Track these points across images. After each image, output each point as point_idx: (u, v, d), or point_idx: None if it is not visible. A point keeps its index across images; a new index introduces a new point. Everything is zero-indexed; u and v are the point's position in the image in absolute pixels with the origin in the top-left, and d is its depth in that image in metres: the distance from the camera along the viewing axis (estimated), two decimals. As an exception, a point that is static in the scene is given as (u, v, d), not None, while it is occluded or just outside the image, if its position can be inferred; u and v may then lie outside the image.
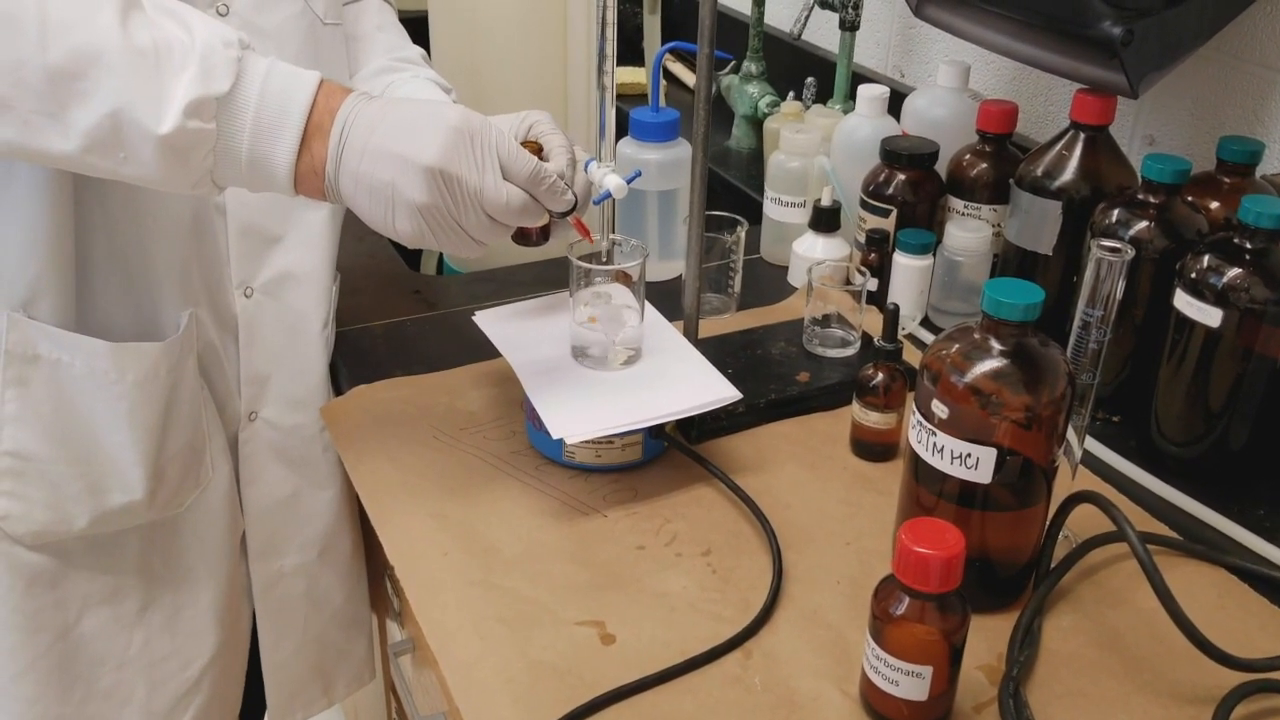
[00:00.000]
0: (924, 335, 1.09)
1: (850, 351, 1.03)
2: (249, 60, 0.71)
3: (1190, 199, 0.93)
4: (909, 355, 0.96)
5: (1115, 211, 0.92)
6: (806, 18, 1.51)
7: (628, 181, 0.86)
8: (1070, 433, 0.74)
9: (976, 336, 0.71)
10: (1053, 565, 0.79)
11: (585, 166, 0.87)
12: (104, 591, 0.93)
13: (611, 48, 0.87)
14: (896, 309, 0.92)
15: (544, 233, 0.86)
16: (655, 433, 0.90)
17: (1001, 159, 1.08)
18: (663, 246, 1.16)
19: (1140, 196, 0.92)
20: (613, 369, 0.91)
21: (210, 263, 0.92)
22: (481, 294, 1.17)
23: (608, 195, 0.86)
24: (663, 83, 1.30)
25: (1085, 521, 0.79)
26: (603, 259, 0.92)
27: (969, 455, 0.70)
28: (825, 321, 1.04)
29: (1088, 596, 0.79)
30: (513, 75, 1.34)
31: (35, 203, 0.80)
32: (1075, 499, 0.76)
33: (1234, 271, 0.83)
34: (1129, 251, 0.71)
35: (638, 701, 0.70)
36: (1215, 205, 0.94)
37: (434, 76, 1.05)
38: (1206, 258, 0.85)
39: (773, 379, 0.99)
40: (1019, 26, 1.00)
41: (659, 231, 1.16)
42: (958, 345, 0.72)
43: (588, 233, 0.88)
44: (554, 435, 0.83)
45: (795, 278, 1.18)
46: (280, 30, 0.90)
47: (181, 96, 0.68)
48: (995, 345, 0.70)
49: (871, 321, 1.03)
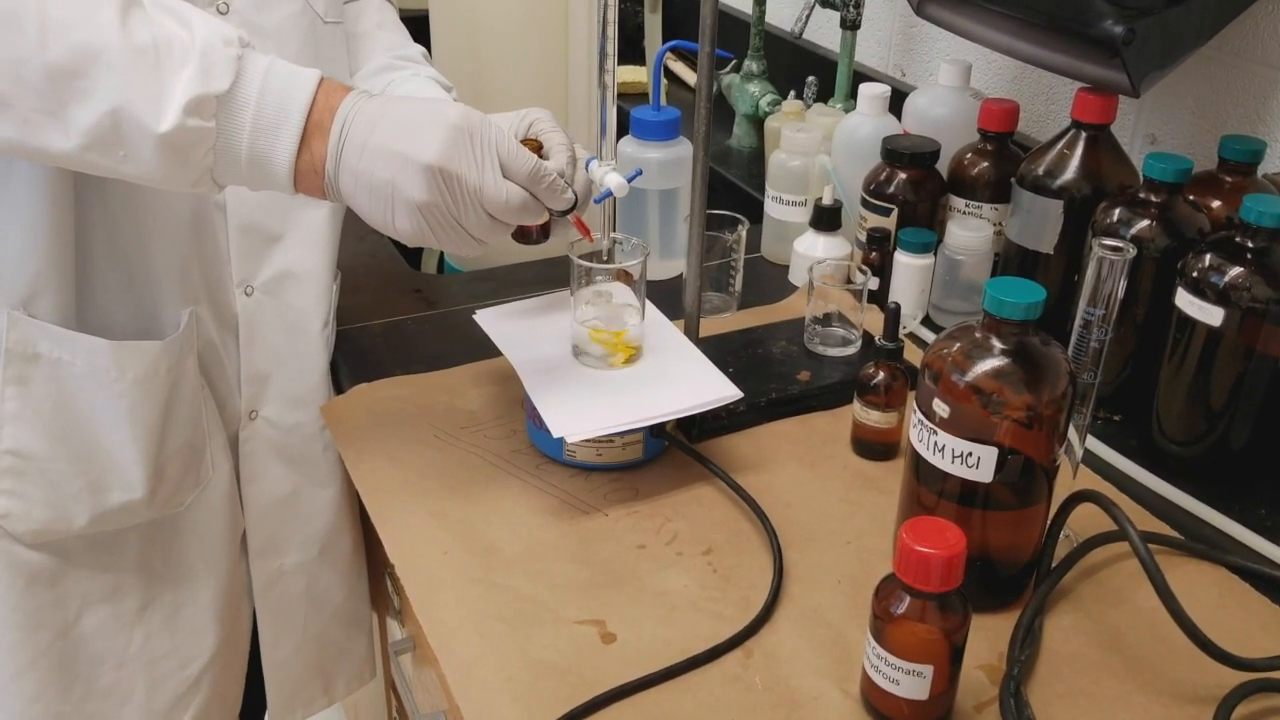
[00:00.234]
0: (925, 334, 1.09)
1: (851, 350, 1.03)
2: (249, 58, 0.71)
3: (1192, 198, 0.93)
4: (910, 354, 0.96)
5: (1117, 210, 0.92)
6: (808, 16, 1.51)
7: (629, 180, 0.86)
8: (1071, 432, 0.74)
9: (978, 335, 0.71)
10: (1054, 564, 0.79)
11: (586, 165, 0.87)
12: (104, 590, 0.93)
13: (612, 46, 0.87)
14: (898, 308, 0.92)
15: (544, 231, 0.86)
16: (656, 431, 0.90)
17: (1003, 158, 1.08)
18: (664, 245, 1.16)
19: (1142, 195, 0.92)
20: (613, 368, 0.91)
21: (210, 261, 0.92)
22: (482, 293, 1.16)
23: (609, 194, 0.86)
24: (664, 81, 1.30)
25: (1086, 521, 0.79)
26: (604, 258, 0.92)
27: (970, 454, 0.70)
28: (826, 320, 1.04)
29: (1089, 596, 0.79)
30: (513, 74, 1.34)
31: (35, 201, 0.80)
32: (1076, 498, 0.76)
33: (1235, 271, 0.83)
34: (1130, 250, 0.71)
35: (638, 700, 0.70)
36: (1217, 204, 0.94)
37: (434, 75, 1.05)
38: (1208, 257, 0.84)
39: (774, 378, 0.99)
40: (1020, 25, 1.00)
41: (660, 230, 1.16)
42: (959, 344, 0.72)
43: (588, 231, 0.88)
44: (555, 434, 0.83)
45: (796, 276, 1.18)
46: (280, 29, 0.90)
47: (181, 94, 0.68)
48: (996, 344, 0.70)
49: (872, 320, 1.03)
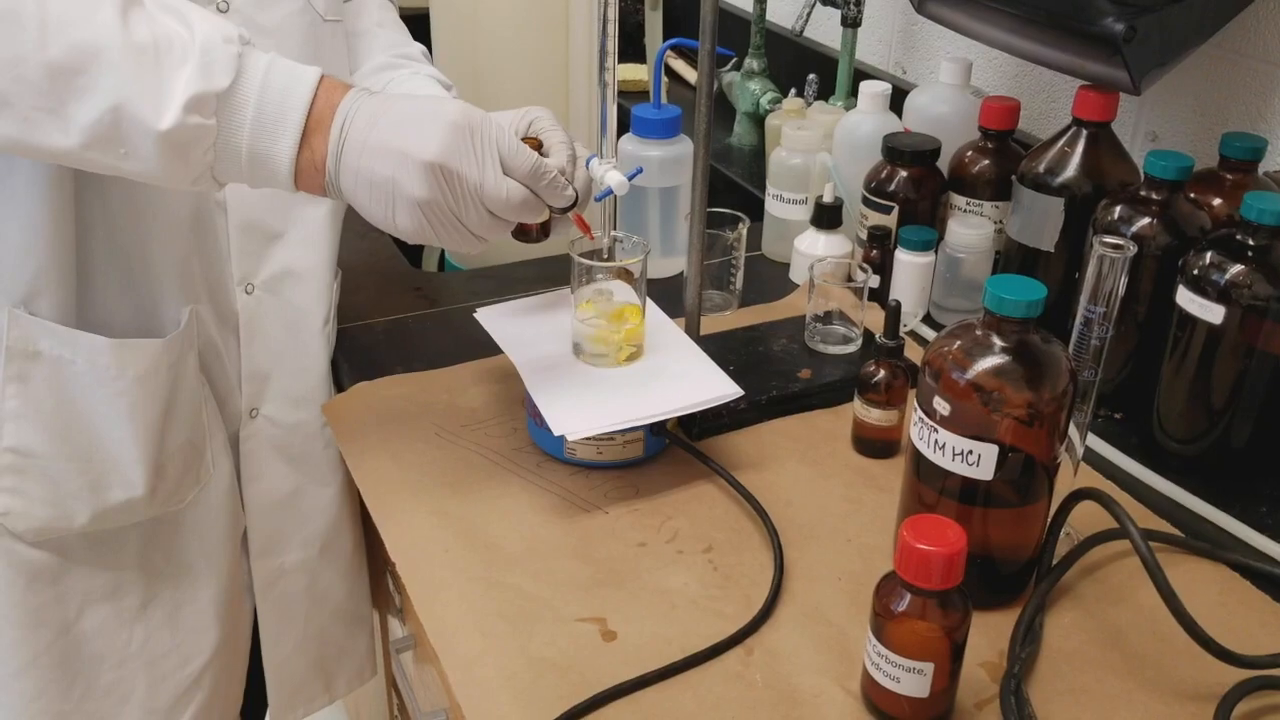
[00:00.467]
0: (926, 332, 1.09)
1: (852, 348, 1.03)
2: (249, 56, 0.71)
3: (1193, 196, 0.93)
4: (911, 352, 0.96)
5: (1117, 208, 0.92)
6: (808, 14, 1.51)
7: (629, 178, 0.86)
8: (1072, 430, 0.74)
9: (978, 333, 0.71)
10: (1054, 562, 0.79)
11: (587, 163, 0.87)
12: (105, 588, 0.93)
13: (613, 44, 0.86)
14: (898, 306, 0.92)
15: (545, 229, 0.86)
16: (657, 429, 0.90)
17: (1003, 156, 1.08)
18: (664, 243, 1.16)
19: (1142, 193, 0.92)
20: (614, 366, 0.91)
21: (211, 259, 0.92)
22: (483, 291, 1.16)
23: (609, 192, 0.86)
24: (664, 79, 1.30)
25: (1087, 518, 0.79)
26: (604, 256, 0.92)
27: (971, 452, 0.70)
28: (827, 318, 1.04)
29: (1089, 593, 0.78)
30: (514, 72, 1.34)
31: (35, 199, 0.80)
32: (1077, 496, 0.76)
33: (1236, 268, 0.83)
34: (1131, 248, 0.71)
35: (639, 698, 0.70)
36: (1218, 202, 0.93)
37: (435, 73, 1.05)
38: (1209, 254, 0.84)
39: (774, 376, 0.99)
40: (1021, 23, 1.00)
41: (660, 228, 1.16)
42: (959, 342, 0.72)
43: (588, 229, 0.88)
44: (555, 432, 0.83)
45: (797, 274, 1.18)
46: (281, 27, 0.90)
47: (182, 92, 0.68)
48: (997, 342, 0.70)
49: (873, 318, 1.03)
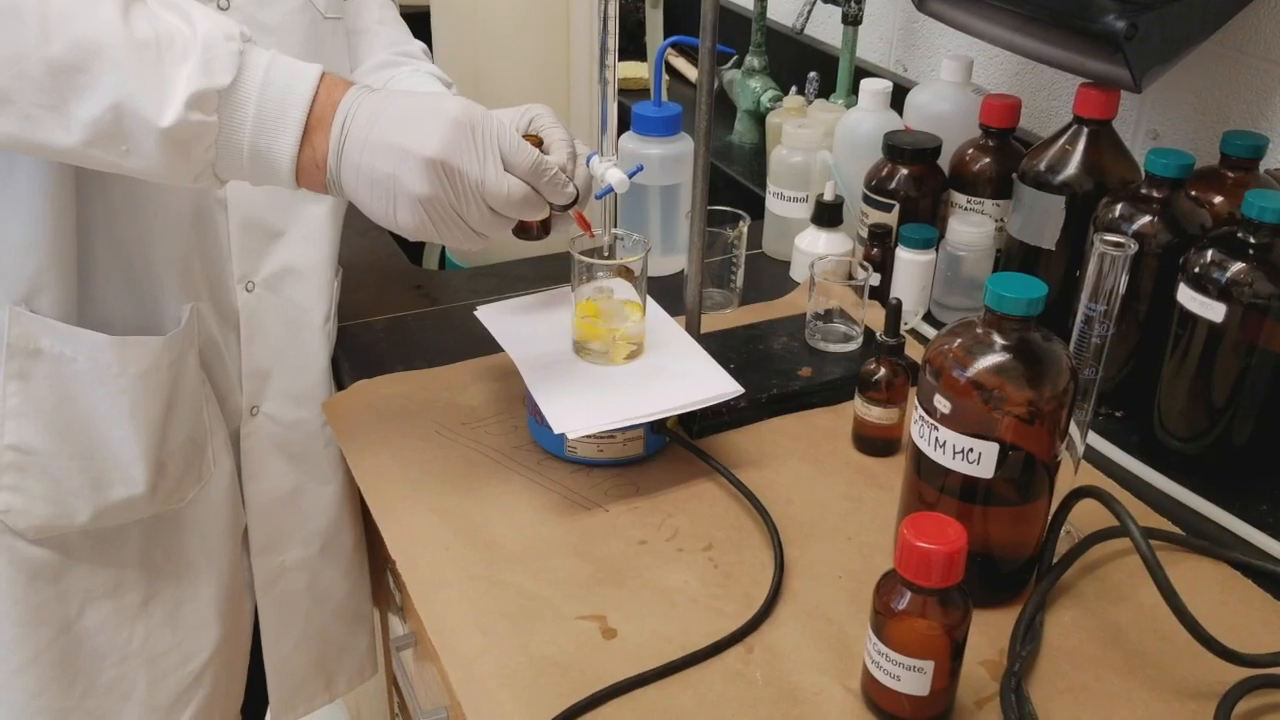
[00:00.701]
0: (926, 330, 1.09)
1: (852, 346, 1.03)
2: (251, 53, 0.71)
3: (1194, 194, 0.93)
4: (911, 350, 0.96)
5: (1118, 206, 0.92)
6: (809, 12, 1.51)
7: (630, 176, 0.86)
8: (1073, 428, 0.74)
9: (979, 331, 0.71)
10: (1055, 560, 0.78)
11: (587, 161, 0.87)
12: (106, 586, 0.93)
13: (613, 42, 0.86)
14: (899, 304, 0.92)
15: (545, 227, 0.86)
16: (657, 427, 0.90)
17: (1004, 154, 1.08)
18: (665, 241, 1.16)
19: (1143, 191, 0.92)
20: (614, 364, 0.91)
21: (212, 257, 0.92)
22: (483, 289, 1.16)
23: (610, 190, 0.86)
24: (665, 77, 1.30)
25: (1087, 517, 0.79)
26: (605, 254, 0.92)
27: (971, 450, 0.70)
28: (827, 316, 1.03)
29: (1090, 592, 0.78)
30: (514, 70, 1.34)
31: (37, 196, 0.80)
32: (1078, 494, 0.76)
33: (1237, 266, 0.83)
34: (1132, 246, 0.71)
35: (639, 696, 0.70)
36: (1219, 200, 0.93)
37: (435, 71, 1.05)
38: (1210, 253, 0.84)
39: (775, 374, 0.99)
40: (1022, 20, 1.00)
41: (661, 226, 1.16)
42: (960, 340, 0.72)
43: (589, 227, 0.88)
44: (556, 430, 0.83)
45: (797, 273, 1.18)
46: (281, 24, 0.90)
47: (183, 89, 0.68)
48: (998, 340, 0.70)
49: (874, 316, 1.03)
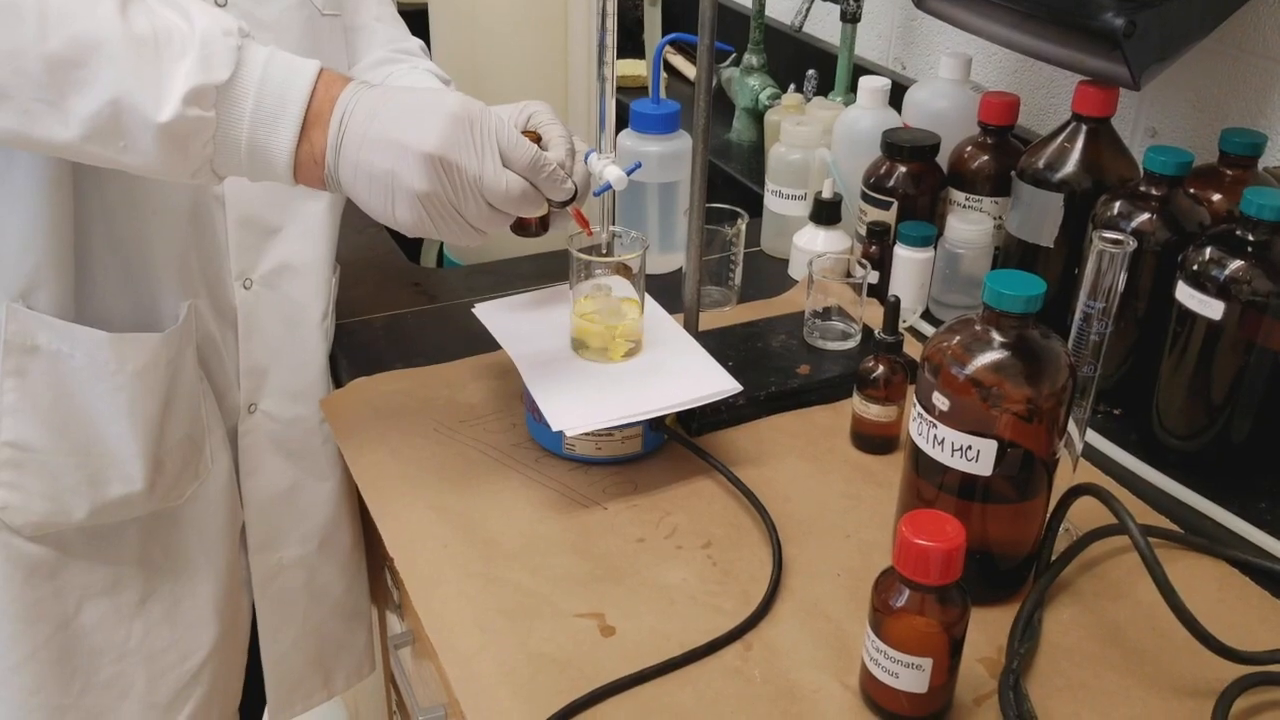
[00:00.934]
0: (925, 328, 1.09)
1: (851, 344, 1.03)
2: (249, 49, 0.71)
3: (1192, 191, 0.93)
4: (910, 348, 0.96)
5: (1117, 204, 0.92)
6: (808, 9, 1.51)
7: (628, 173, 0.86)
8: (1071, 425, 0.74)
9: (977, 329, 0.71)
10: (1053, 558, 0.78)
11: (585, 158, 0.87)
12: (103, 583, 0.93)
13: (612, 40, 0.86)
14: (897, 301, 0.92)
15: (543, 224, 0.86)
16: (655, 425, 0.90)
17: (1003, 151, 1.08)
18: (663, 239, 1.16)
19: (1142, 189, 0.92)
20: (612, 361, 0.91)
21: (209, 254, 0.92)
22: (481, 286, 1.16)
23: (608, 187, 0.86)
24: (663, 75, 1.30)
25: (1086, 514, 0.79)
26: (603, 251, 0.92)
27: (970, 447, 0.70)
28: (826, 314, 1.03)
29: (1088, 589, 0.78)
30: (513, 68, 1.34)
31: (34, 193, 0.80)
32: (1076, 491, 0.76)
33: (1236, 264, 0.83)
34: (1130, 244, 0.71)
35: (638, 693, 0.70)
36: (1217, 197, 0.93)
37: (433, 68, 1.05)
38: (1208, 250, 0.84)
39: (773, 371, 0.99)
40: (1021, 18, 1.00)
41: (659, 224, 1.16)
42: (959, 337, 0.72)
43: (587, 224, 0.88)
44: (554, 427, 0.83)
45: (796, 270, 1.18)
46: (279, 21, 0.90)
47: (181, 84, 0.68)
48: (996, 337, 0.70)
49: (872, 314, 1.03)
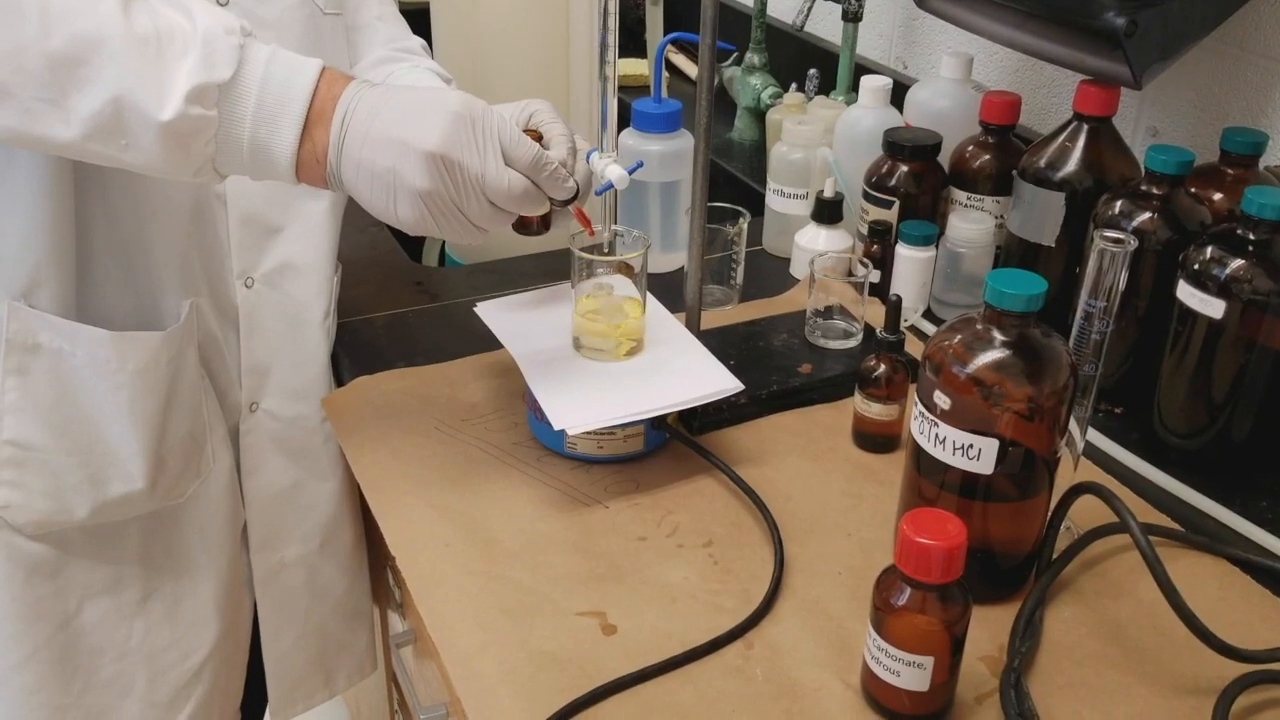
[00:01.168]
0: (926, 327, 1.09)
1: (852, 343, 1.03)
2: (251, 48, 0.71)
3: (1193, 190, 0.93)
4: (911, 347, 0.96)
5: (1118, 203, 0.92)
6: (809, 9, 1.51)
7: (630, 172, 0.86)
8: (1072, 424, 0.74)
9: (979, 327, 0.71)
10: (1054, 556, 0.79)
11: (587, 157, 0.87)
12: (105, 581, 0.93)
13: (613, 39, 0.86)
14: (899, 300, 0.92)
15: (545, 222, 0.86)
16: (657, 424, 0.90)
17: (1004, 150, 1.08)
18: (665, 238, 1.16)
19: (1143, 188, 0.92)
20: (614, 360, 0.91)
21: (211, 252, 0.92)
22: (483, 285, 1.16)
23: (610, 186, 0.86)
24: (665, 74, 1.30)
25: (1087, 513, 0.79)
26: (605, 250, 0.92)
27: (971, 446, 0.70)
28: (827, 313, 1.03)
29: (1089, 588, 0.79)
30: (514, 67, 1.34)
31: (36, 191, 0.80)
32: (1077, 490, 0.76)
33: (1237, 263, 0.83)
34: (1132, 243, 0.71)
35: (639, 692, 0.70)
36: (1218, 197, 0.93)
37: (434, 67, 1.05)
38: (1209, 249, 0.84)
39: (775, 370, 0.99)
40: (1022, 18, 1.00)
41: (661, 223, 1.16)
42: (960, 336, 0.72)
43: (588, 223, 0.88)
44: (555, 426, 0.83)
45: (797, 269, 1.18)
46: (281, 20, 0.90)
47: (183, 83, 0.68)
48: (998, 336, 0.70)
49: (874, 313, 1.03)
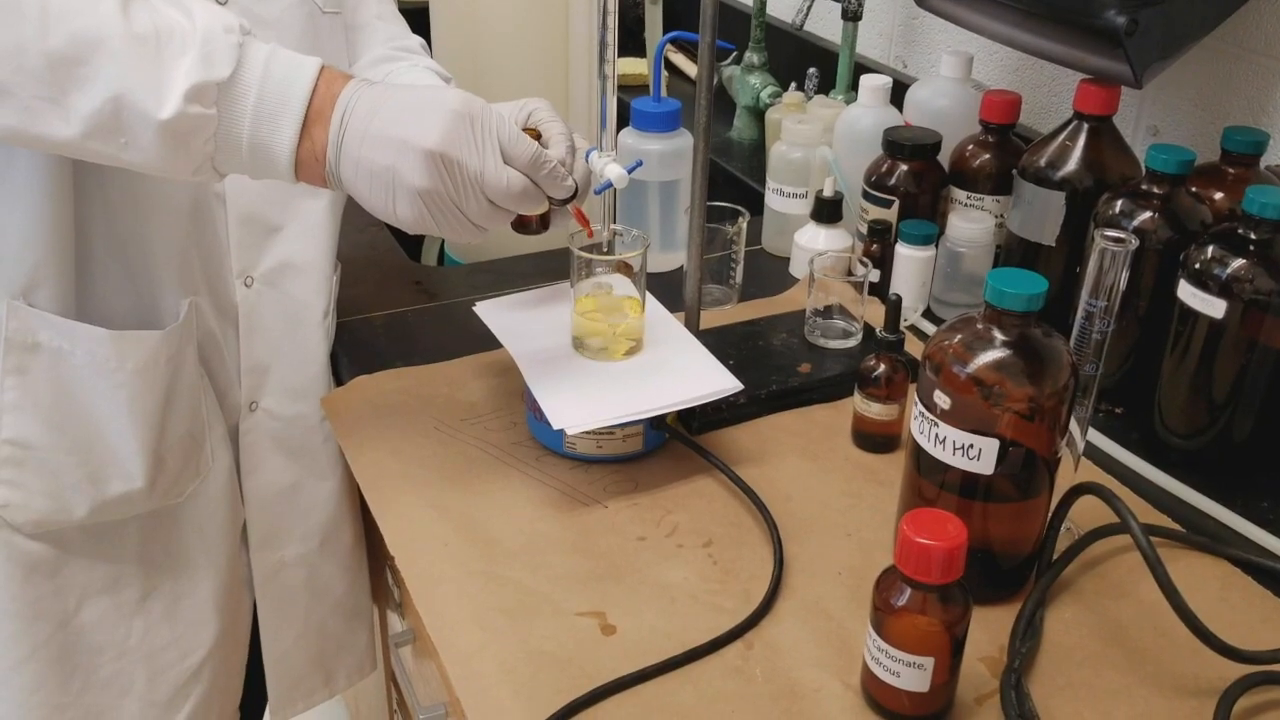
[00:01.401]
0: (926, 326, 1.09)
1: (852, 343, 1.03)
2: (250, 46, 0.71)
3: (1194, 190, 0.93)
4: (911, 346, 0.96)
5: (1119, 202, 0.92)
6: (809, 8, 1.51)
7: (629, 171, 0.86)
8: (1073, 424, 0.74)
9: (979, 327, 0.71)
10: (1055, 557, 0.78)
11: (586, 156, 0.87)
12: (104, 580, 0.93)
13: (613, 38, 0.86)
14: (898, 300, 0.92)
15: (544, 221, 0.86)
16: (656, 424, 0.89)
17: (1004, 150, 1.08)
18: (664, 237, 1.16)
19: (1144, 187, 0.91)
20: (613, 360, 0.91)
21: (210, 251, 0.92)
22: (482, 285, 1.16)
23: (609, 185, 0.85)
24: (664, 73, 1.30)
25: (1088, 513, 0.79)
26: (604, 249, 0.92)
27: (971, 446, 0.70)
28: (827, 313, 1.03)
29: (1090, 588, 0.78)
30: (514, 66, 1.34)
31: (35, 190, 0.80)
32: (1078, 490, 0.76)
33: (1238, 262, 0.83)
34: (1132, 242, 0.71)
35: (638, 692, 0.70)
36: (1219, 196, 0.93)
37: (433, 66, 1.05)
38: (1210, 249, 0.84)
39: (774, 370, 0.99)
40: (1022, 16, 1.00)
41: (660, 222, 1.16)
42: (960, 336, 0.71)
43: (587, 223, 0.88)
44: (555, 426, 0.83)
45: (797, 269, 1.18)
46: (280, 19, 0.89)
47: (182, 82, 0.68)
48: (998, 336, 0.70)
49: (873, 313, 1.03)
